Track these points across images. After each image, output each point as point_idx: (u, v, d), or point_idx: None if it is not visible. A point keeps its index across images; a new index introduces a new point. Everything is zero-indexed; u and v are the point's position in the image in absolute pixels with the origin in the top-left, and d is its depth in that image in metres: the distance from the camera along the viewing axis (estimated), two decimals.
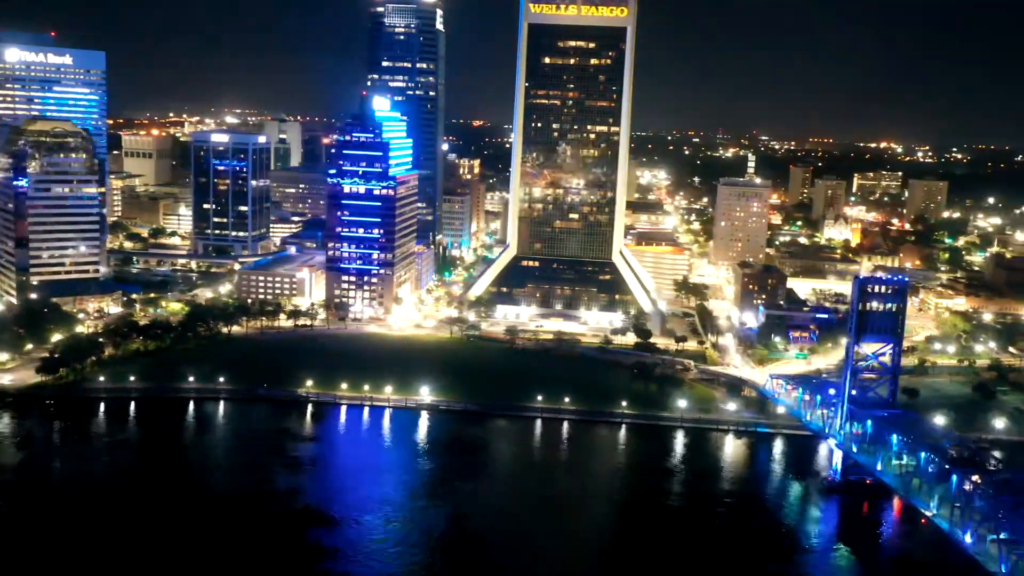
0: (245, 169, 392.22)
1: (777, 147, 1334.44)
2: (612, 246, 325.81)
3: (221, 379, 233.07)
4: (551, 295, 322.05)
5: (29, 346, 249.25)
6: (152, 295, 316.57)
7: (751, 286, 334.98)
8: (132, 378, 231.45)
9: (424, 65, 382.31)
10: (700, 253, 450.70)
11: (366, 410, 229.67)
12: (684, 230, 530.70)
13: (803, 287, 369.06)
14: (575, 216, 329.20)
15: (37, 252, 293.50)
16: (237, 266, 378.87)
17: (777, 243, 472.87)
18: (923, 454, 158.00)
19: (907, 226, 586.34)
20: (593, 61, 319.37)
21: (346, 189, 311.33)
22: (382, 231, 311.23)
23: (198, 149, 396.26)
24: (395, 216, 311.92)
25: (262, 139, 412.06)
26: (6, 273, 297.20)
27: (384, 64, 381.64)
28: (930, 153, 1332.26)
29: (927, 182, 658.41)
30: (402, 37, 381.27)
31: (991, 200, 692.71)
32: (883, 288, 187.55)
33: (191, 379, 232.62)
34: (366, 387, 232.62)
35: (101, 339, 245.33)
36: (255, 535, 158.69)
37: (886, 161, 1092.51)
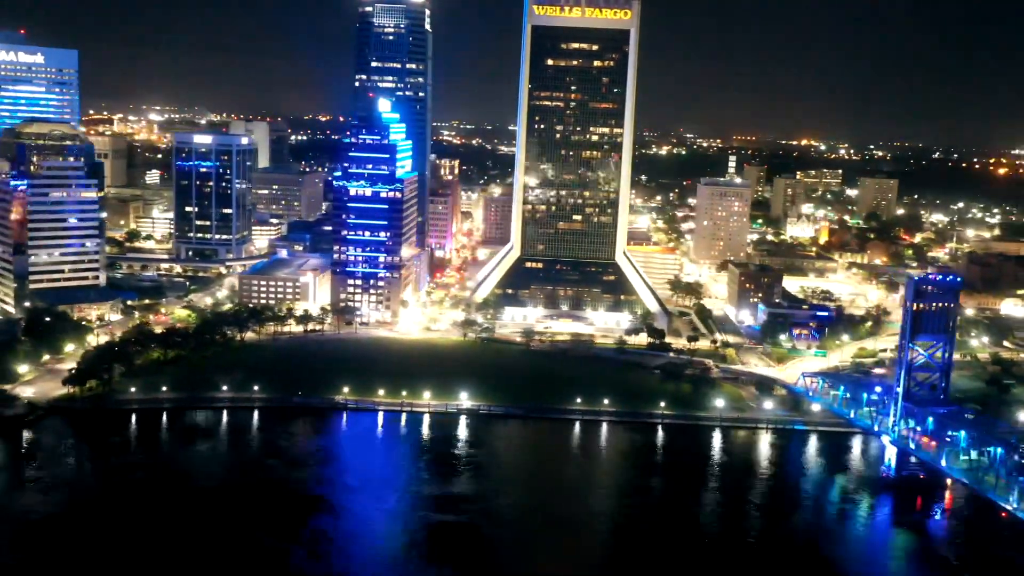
0: (229, 171, 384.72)
1: (705, 145, 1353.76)
2: (615, 247, 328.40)
3: (255, 387, 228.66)
4: (557, 296, 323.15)
5: (46, 356, 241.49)
6: (147, 301, 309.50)
7: (748, 285, 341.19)
8: (164, 388, 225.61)
9: (413, 66, 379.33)
10: (680, 252, 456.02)
11: (404, 416, 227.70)
12: (653, 228, 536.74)
13: (789, 285, 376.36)
14: (578, 217, 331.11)
15: (36, 258, 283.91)
16: (224, 270, 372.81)
17: (748, 242, 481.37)
18: (998, 449, 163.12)
19: (859, 223, 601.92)
20: (596, 63, 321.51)
21: (352, 192, 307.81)
22: (389, 234, 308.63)
23: (180, 150, 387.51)
24: (402, 219, 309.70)
25: (244, 140, 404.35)
26: (3, 281, 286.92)
27: (373, 64, 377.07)
28: (852, 151, 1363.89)
29: (878, 180, 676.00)
30: (391, 37, 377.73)
31: (927, 196, 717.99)
32: (934, 288, 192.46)
33: (224, 388, 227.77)
34: (404, 393, 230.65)
35: (130, 348, 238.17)
36: (321, 551, 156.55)
37: (811, 159, 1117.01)
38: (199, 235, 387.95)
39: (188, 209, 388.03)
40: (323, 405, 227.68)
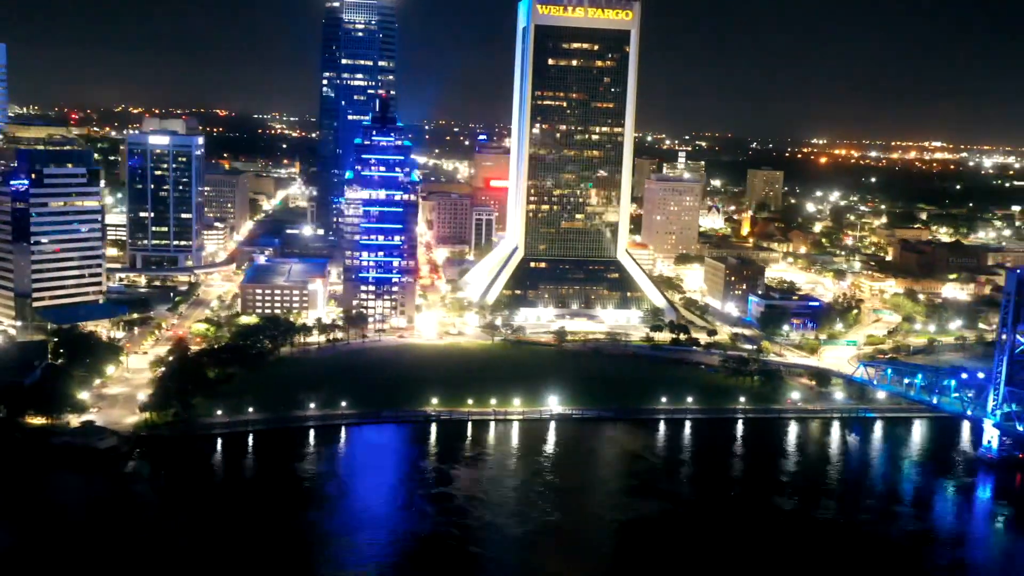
0: (187, 174, 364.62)
1: None
2: (617, 245, 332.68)
3: (343, 403, 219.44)
4: (566, 295, 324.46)
5: (97, 381, 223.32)
6: (135, 316, 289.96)
7: (732, 278, 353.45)
8: (251, 410, 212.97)
9: (384, 63, 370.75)
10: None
11: (493, 424, 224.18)
12: None
13: None
14: (580, 216, 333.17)
15: (39, 274, 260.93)
16: (193, 278, 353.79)
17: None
18: None
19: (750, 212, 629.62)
20: (598, 63, 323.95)
21: (365, 196, 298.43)
22: (404, 238, 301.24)
23: (133, 152, 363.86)
24: (416, 222, 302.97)
25: (201, 140, 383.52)
26: (2, 300, 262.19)
27: (344, 62, 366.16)
28: (676, 142, 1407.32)
29: (765, 172, 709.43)
30: (360, 34, 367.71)
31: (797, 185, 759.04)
32: None
33: (312, 406, 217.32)
34: (493, 401, 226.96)
35: (200, 369, 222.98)
36: None
37: (665, 151, 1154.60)
38: (156, 242, 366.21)
39: (143, 215, 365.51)
40: (415, 418, 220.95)
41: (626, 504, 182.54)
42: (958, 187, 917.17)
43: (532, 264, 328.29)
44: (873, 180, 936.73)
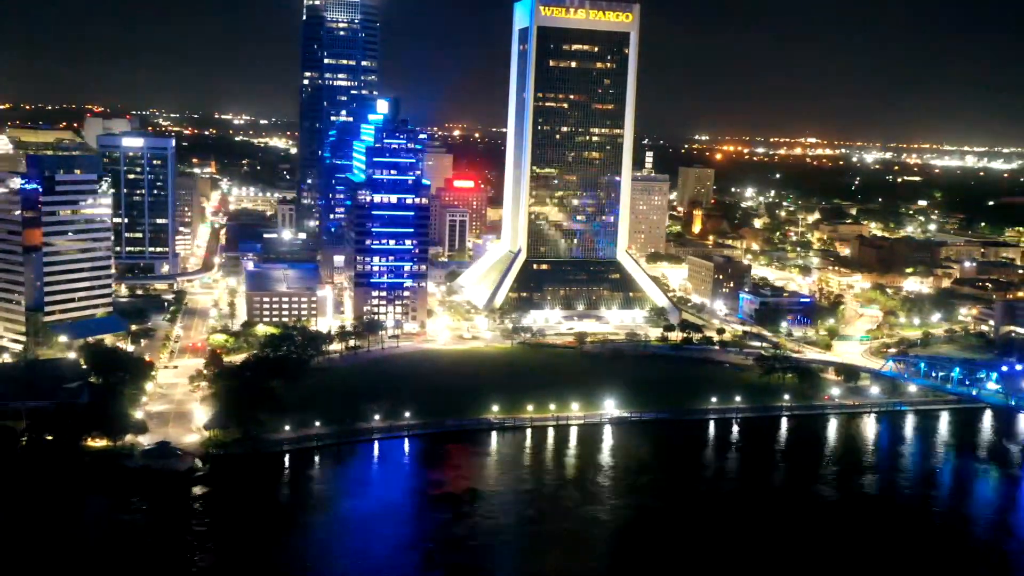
0: (163, 177, 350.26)
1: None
2: (617, 245, 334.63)
3: (407, 414, 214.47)
4: (570, 297, 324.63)
5: (144, 399, 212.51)
6: (134, 328, 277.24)
7: (721, 276, 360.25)
8: (318, 423, 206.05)
9: (368, 63, 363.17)
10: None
11: (551, 430, 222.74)
12: None
13: None
14: (581, 217, 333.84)
15: (50, 286, 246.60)
16: (176, 286, 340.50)
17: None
18: None
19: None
20: (598, 65, 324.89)
21: (376, 199, 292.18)
22: (416, 242, 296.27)
23: (104, 154, 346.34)
24: (428, 226, 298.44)
25: (173, 143, 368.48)
26: (9, 315, 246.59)
27: (327, 62, 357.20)
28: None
29: (697, 170, 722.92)
30: (343, 33, 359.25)
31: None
32: None
33: (376, 418, 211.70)
34: (552, 406, 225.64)
35: (261, 384, 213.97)
36: None
37: None
38: (130, 249, 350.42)
39: (116, 220, 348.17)
40: (479, 426, 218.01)
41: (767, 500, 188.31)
42: (856, 182, 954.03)
43: (535, 266, 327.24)
44: (778, 176, 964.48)
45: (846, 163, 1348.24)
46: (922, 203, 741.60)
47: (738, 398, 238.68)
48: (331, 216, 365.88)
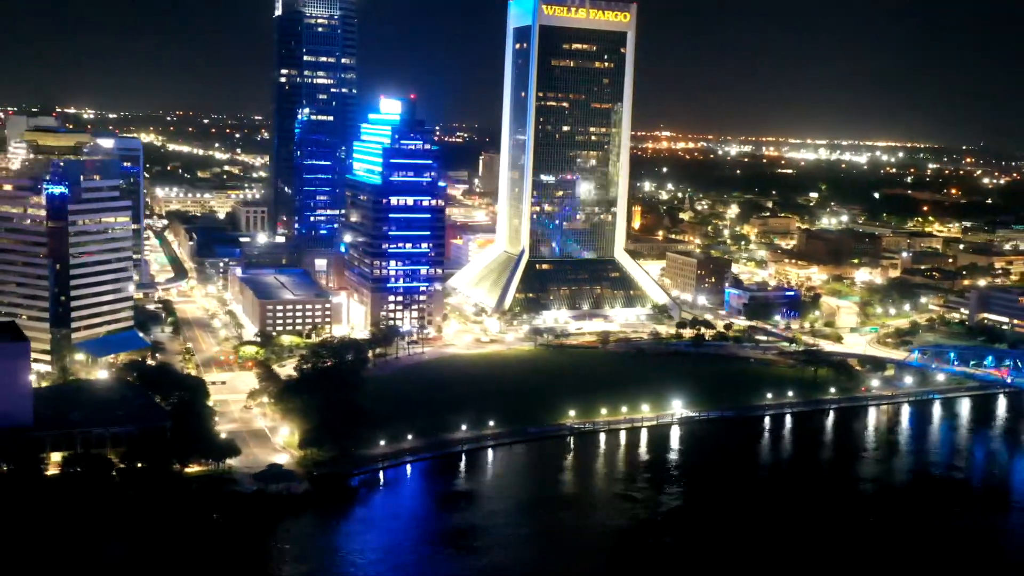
0: (137, 178, 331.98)
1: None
2: (615, 244, 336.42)
3: (491, 423, 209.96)
4: (574, 296, 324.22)
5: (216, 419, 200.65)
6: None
7: (703, 272, 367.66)
8: (410, 437, 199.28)
9: (347, 60, 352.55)
10: None
11: (623, 433, 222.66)
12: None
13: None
14: (581, 217, 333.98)
15: (76, 301, 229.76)
16: (157, 294, 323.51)
17: None
18: None
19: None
20: (597, 64, 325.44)
21: (394, 202, 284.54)
22: (432, 245, 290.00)
23: None
24: (444, 228, 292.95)
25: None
26: (30, 332, 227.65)
27: (306, 59, 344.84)
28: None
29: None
30: (322, 29, 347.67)
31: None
32: None
33: (463, 428, 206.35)
34: (624, 409, 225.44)
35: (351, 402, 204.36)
36: None
37: None
38: None
39: None
40: (559, 432, 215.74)
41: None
42: (737, 172, 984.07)
43: (538, 266, 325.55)
44: (665, 170, 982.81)
45: (715, 156, 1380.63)
46: (813, 195, 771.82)
47: (790, 393, 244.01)
48: (309, 218, 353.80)
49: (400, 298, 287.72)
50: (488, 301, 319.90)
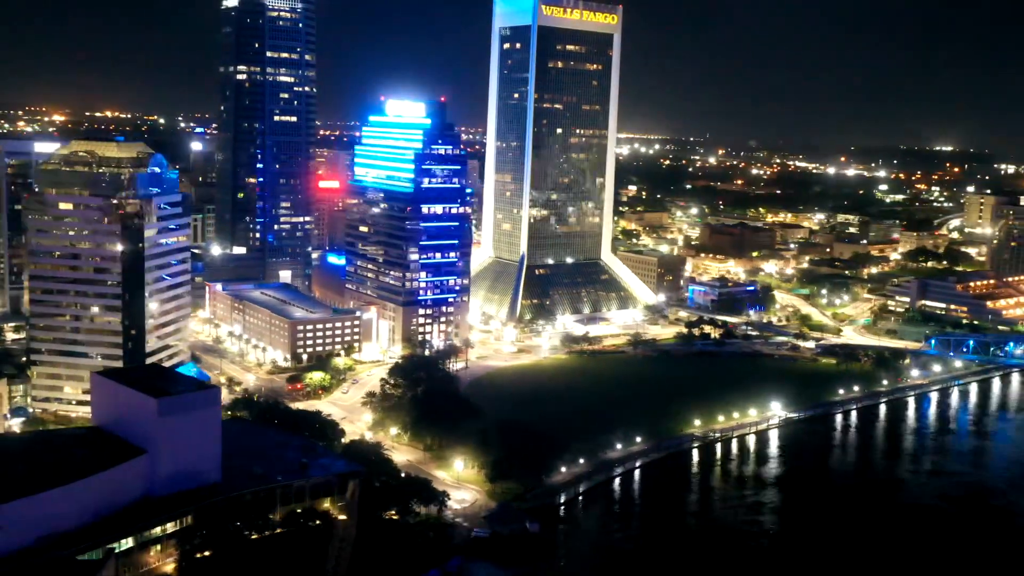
0: None
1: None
2: (602, 246, 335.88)
3: (638, 439, 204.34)
4: (573, 300, 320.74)
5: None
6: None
7: (662, 270, 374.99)
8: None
9: (310, 57, 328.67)
10: None
11: (735, 441, 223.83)
12: None
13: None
14: (573, 220, 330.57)
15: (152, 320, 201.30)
16: None
17: None
18: None
19: None
20: (587, 65, 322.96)
21: (424, 211, 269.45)
22: (459, 254, 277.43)
23: (9, 164, 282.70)
24: (472, 237, 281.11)
25: None
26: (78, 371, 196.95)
27: (268, 55, 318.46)
28: None
29: None
30: (284, 23, 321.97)
31: None
32: None
33: (619, 447, 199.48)
34: (735, 415, 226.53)
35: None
36: None
37: None
38: None
39: None
40: (693, 443, 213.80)
41: None
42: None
43: (536, 271, 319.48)
44: None
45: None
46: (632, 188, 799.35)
47: (855, 388, 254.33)
48: (273, 227, 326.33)
49: (429, 311, 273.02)
50: (488, 308, 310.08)
